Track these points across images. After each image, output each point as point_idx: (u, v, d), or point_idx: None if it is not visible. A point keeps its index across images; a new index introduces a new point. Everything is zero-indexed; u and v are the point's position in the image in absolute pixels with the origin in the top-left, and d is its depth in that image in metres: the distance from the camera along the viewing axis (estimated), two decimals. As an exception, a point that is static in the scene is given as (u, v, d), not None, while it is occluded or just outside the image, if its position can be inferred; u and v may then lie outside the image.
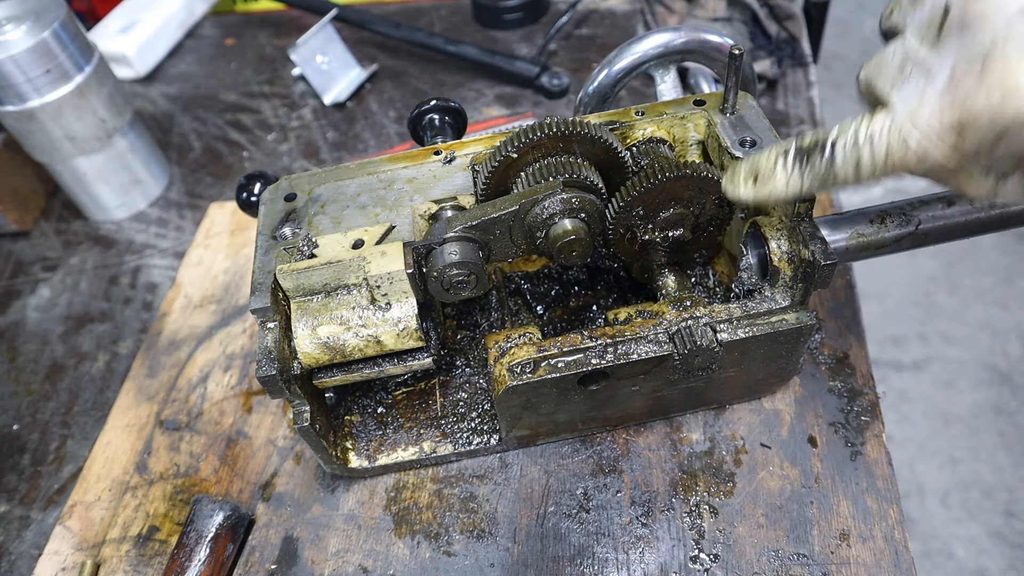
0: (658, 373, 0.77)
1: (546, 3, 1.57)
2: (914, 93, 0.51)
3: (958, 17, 0.47)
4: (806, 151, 0.57)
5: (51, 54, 1.09)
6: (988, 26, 0.46)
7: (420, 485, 0.87)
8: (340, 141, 1.38)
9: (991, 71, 0.45)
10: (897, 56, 0.53)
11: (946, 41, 0.49)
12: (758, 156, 0.62)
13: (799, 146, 0.58)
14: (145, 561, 0.85)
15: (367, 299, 0.71)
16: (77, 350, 1.11)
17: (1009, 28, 0.45)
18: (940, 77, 0.49)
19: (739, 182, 0.63)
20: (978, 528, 2.11)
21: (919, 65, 0.51)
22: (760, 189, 0.61)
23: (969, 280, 2.66)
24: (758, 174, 0.61)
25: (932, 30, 0.50)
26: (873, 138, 0.52)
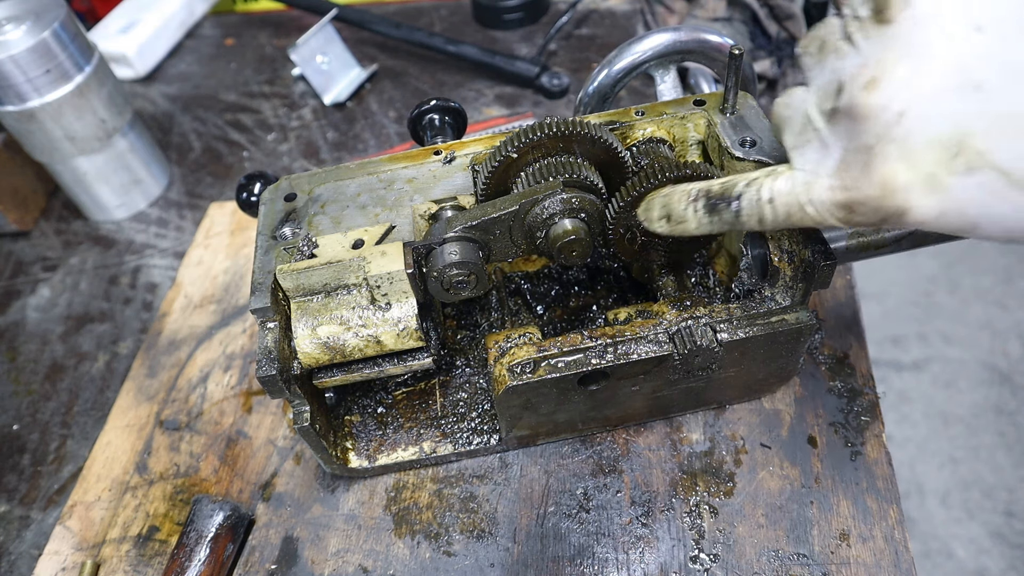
0: (658, 373, 0.77)
1: (546, 3, 1.57)
2: (811, 163, 0.55)
3: (847, 105, 0.51)
4: (715, 200, 0.62)
5: (51, 54, 1.09)
6: (871, 124, 0.49)
7: (420, 485, 0.87)
8: (340, 141, 1.38)
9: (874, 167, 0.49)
10: (801, 113, 0.56)
11: (839, 122, 0.52)
12: (671, 197, 0.66)
13: (709, 195, 0.62)
14: (145, 561, 0.85)
15: (367, 299, 0.71)
16: (77, 350, 1.11)
17: (888, 130, 0.48)
18: (833, 155, 0.53)
19: (652, 218, 0.68)
20: (978, 528, 2.11)
21: (817, 135, 0.54)
22: (673, 227, 0.67)
23: (969, 280, 2.66)
24: (671, 215, 0.66)
25: (828, 103, 0.53)
26: (775, 200, 0.57)
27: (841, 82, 0.52)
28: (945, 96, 0.47)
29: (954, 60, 0.46)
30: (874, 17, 0.50)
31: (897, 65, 0.48)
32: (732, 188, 0.61)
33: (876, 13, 0.49)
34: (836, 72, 0.52)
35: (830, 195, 0.54)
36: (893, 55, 0.48)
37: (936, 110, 0.47)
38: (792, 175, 0.57)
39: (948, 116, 0.47)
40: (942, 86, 0.47)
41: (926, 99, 0.47)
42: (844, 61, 0.52)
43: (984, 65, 0.45)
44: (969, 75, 0.46)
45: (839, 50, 0.52)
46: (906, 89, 0.48)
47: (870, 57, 0.50)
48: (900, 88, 0.48)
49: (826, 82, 0.54)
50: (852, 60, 0.51)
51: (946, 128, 0.47)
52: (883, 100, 0.48)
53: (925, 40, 0.47)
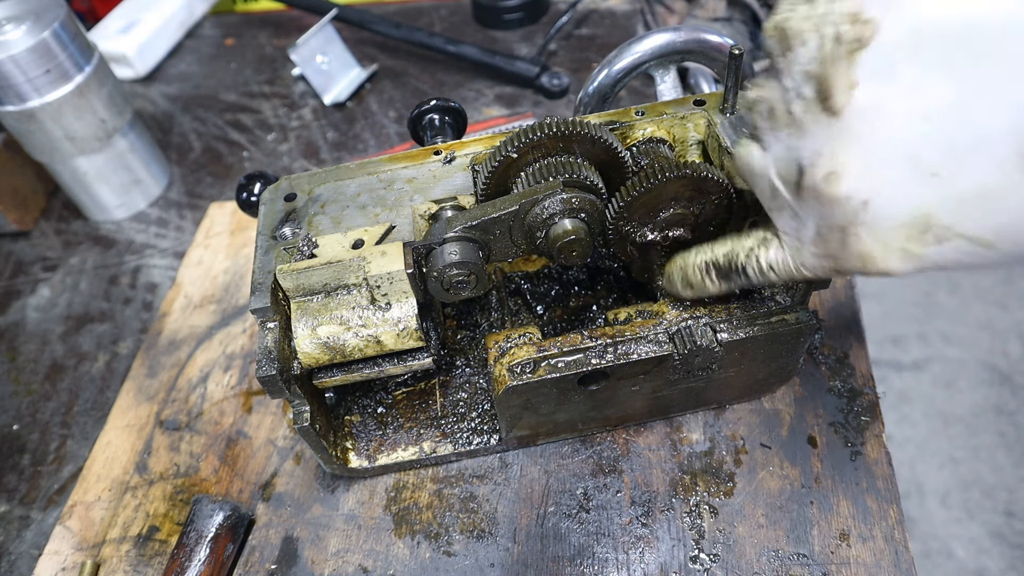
0: (658, 373, 0.77)
1: (546, 3, 1.57)
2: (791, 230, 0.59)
3: (813, 189, 0.53)
4: (725, 273, 0.68)
5: (51, 54, 1.09)
6: (839, 210, 0.52)
7: (420, 485, 0.87)
8: (340, 141, 1.38)
9: (850, 244, 0.53)
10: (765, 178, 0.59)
11: (807, 200, 0.55)
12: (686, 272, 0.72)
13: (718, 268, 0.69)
14: (145, 561, 0.85)
15: (367, 299, 0.71)
16: (77, 350, 1.11)
17: (856, 216, 0.51)
18: (808, 226, 0.56)
19: (679, 290, 0.75)
20: (978, 528, 2.11)
21: (788, 206, 0.57)
22: (697, 294, 0.74)
23: (969, 280, 2.66)
24: (692, 286, 0.72)
25: (792, 178, 0.55)
26: (775, 268, 0.63)
27: (799, 164, 0.53)
28: (904, 184, 0.49)
29: (906, 150, 0.48)
30: (819, 103, 0.51)
31: (852, 159, 0.50)
32: (735, 260, 0.66)
33: (821, 100, 0.50)
34: (792, 149, 0.54)
35: (817, 262, 0.58)
36: (846, 148, 0.50)
37: (898, 197, 0.49)
38: (780, 244, 0.61)
39: (910, 201, 0.49)
40: (899, 176, 0.48)
41: (886, 189, 0.49)
42: (797, 140, 0.53)
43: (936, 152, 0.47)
44: (923, 163, 0.47)
45: (790, 125, 0.54)
46: (865, 182, 0.50)
47: (823, 146, 0.51)
48: (860, 181, 0.50)
49: (783, 155, 0.56)
50: (806, 143, 0.53)
51: (910, 211, 0.49)
52: (845, 191, 0.51)
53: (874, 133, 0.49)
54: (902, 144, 0.48)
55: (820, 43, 0.50)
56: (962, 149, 0.46)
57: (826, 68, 0.49)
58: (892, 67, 0.47)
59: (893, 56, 0.47)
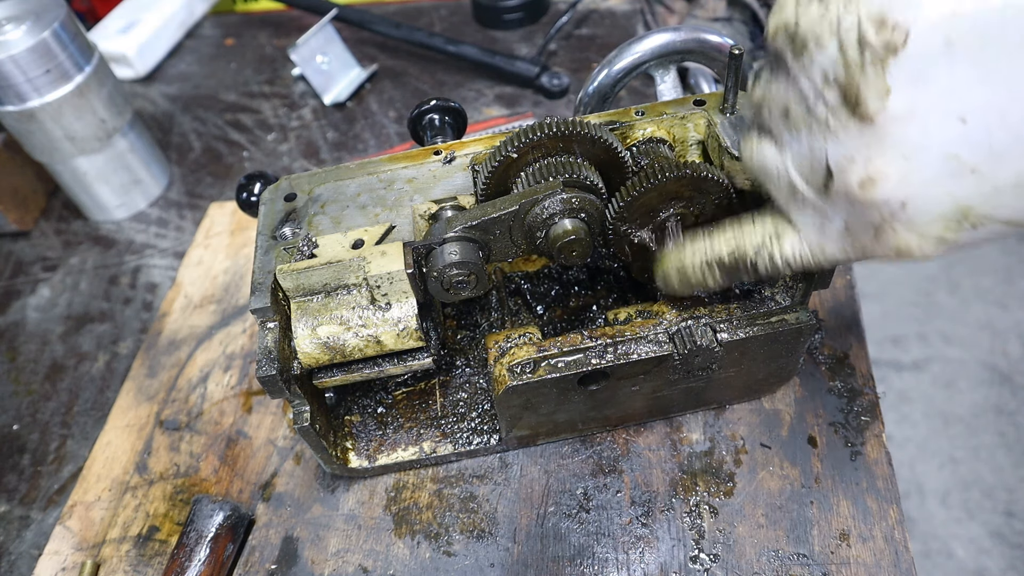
0: (658, 373, 0.77)
1: (546, 3, 1.57)
2: (814, 226, 0.58)
3: (844, 192, 0.52)
4: (731, 270, 0.66)
5: (51, 54, 1.09)
6: (875, 211, 0.52)
7: (420, 485, 0.87)
8: (340, 141, 1.38)
9: (884, 238, 0.53)
10: (782, 177, 0.58)
11: (835, 201, 0.54)
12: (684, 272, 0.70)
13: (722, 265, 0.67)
14: (145, 561, 0.85)
15: (367, 299, 0.71)
16: (77, 350, 1.11)
17: (893, 215, 0.51)
18: (836, 222, 0.56)
19: (674, 289, 0.73)
20: (978, 528, 2.11)
21: (812, 204, 0.57)
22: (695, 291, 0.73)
23: (969, 280, 2.66)
24: (691, 284, 0.71)
25: (817, 180, 0.55)
26: (791, 263, 0.61)
27: (827, 166, 0.53)
28: (943, 184, 0.48)
29: (945, 152, 0.47)
30: (847, 108, 0.50)
31: (890, 165, 0.49)
32: (743, 258, 0.65)
33: (850, 105, 0.49)
34: (816, 151, 0.53)
35: (844, 254, 0.58)
36: (882, 155, 0.49)
37: (937, 195, 0.49)
38: (798, 237, 0.60)
39: (949, 197, 0.49)
40: (939, 177, 0.48)
41: (926, 190, 0.49)
42: (822, 143, 0.52)
43: (974, 151, 0.47)
44: (962, 162, 0.47)
45: (812, 128, 0.53)
46: (904, 186, 0.49)
47: (856, 152, 0.50)
48: (898, 186, 0.49)
49: (806, 156, 0.55)
50: (834, 147, 0.52)
51: (949, 206, 0.49)
52: (884, 196, 0.50)
53: (911, 138, 0.48)
54: (940, 146, 0.47)
55: (841, 48, 0.48)
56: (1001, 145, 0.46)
57: (854, 75, 0.48)
58: (925, 71, 0.46)
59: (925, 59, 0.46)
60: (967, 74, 0.45)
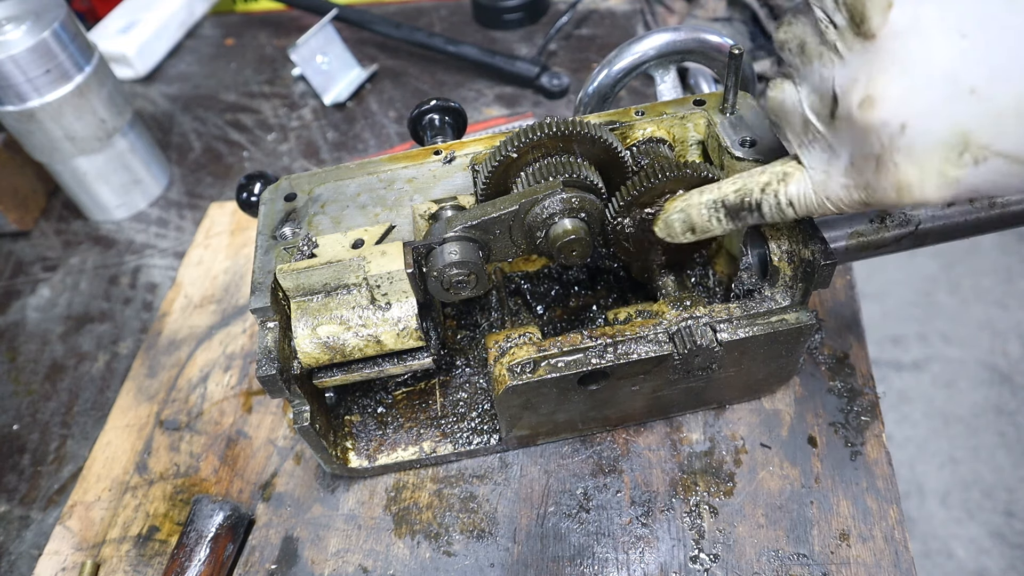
0: (658, 373, 0.77)
1: (546, 3, 1.57)
2: (821, 163, 0.58)
3: (847, 116, 0.52)
4: (735, 210, 0.66)
5: (51, 54, 1.09)
6: (875, 136, 0.51)
7: (420, 485, 0.87)
8: (340, 141, 1.38)
9: (885, 171, 0.52)
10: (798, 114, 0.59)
11: (841, 130, 0.54)
12: (688, 211, 0.69)
13: (727, 205, 0.66)
14: (145, 561, 0.85)
15: (367, 299, 0.71)
16: (77, 350, 1.11)
17: (893, 141, 0.50)
18: (842, 157, 0.55)
19: (676, 233, 0.71)
20: (978, 528, 2.12)
21: (821, 137, 0.57)
22: (700, 236, 0.70)
23: (969, 280, 2.66)
24: (695, 228, 0.70)
25: (824, 109, 0.55)
26: (794, 203, 0.61)
27: (834, 92, 0.53)
28: (942, 104, 0.48)
29: (945, 69, 0.47)
30: (853, 28, 0.50)
31: (890, 83, 0.49)
32: (748, 196, 0.64)
33: (855, 24, 0.50)
34: (825, 79, 0.54)
35: (847, 193, 0.57)
36: (883, 72, 0.49)
37: (936, 118, 0.48)
38: (804, 177, 0.59)
39: (948, 121, 0.48)
40: (938, 96, 0.48)
41: (925, 110, 0.48)
42: (831, 69, 0.53)
43: (974, 69, 0.46)
44: (961, 81, 0.47)
45: (822, 55, 0.54)
46: (904, 105, 0.49)
47: (859, 72, 0.51)
48: (897, 105, 0.49)
49: (817, 86, 0.55)
50: (840, 71, 0.52)
51: (948, 131, 0.48)
52: (883, 116, 0.50)
53: (911, 53, 0.48)
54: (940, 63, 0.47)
55: None
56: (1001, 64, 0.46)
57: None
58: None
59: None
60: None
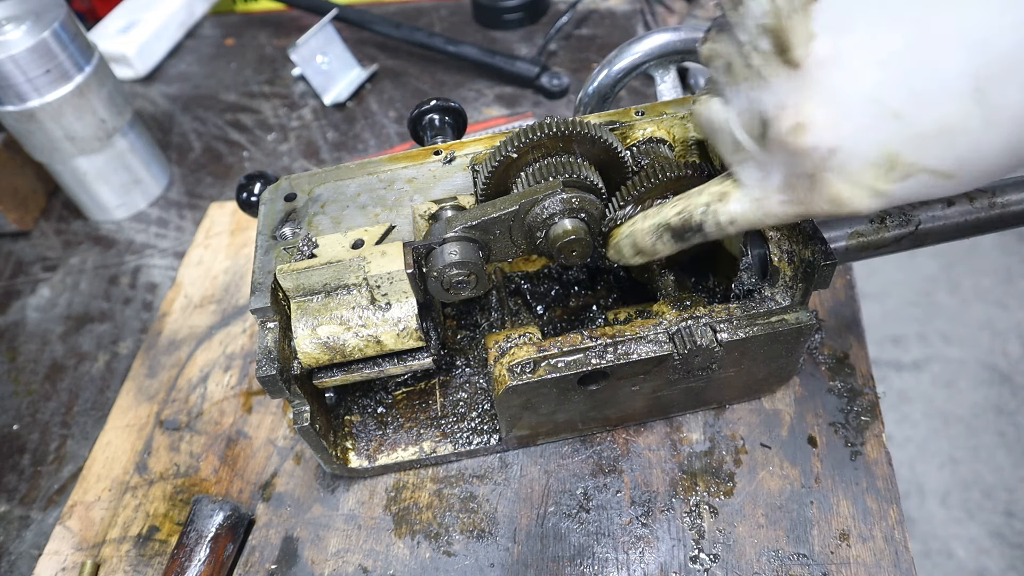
0: (658, 373, 0.77)
1: (546, 3, 1.57)
2: (755, 180, 0.59)
3: (778, 141, 0.54)
4: (679, 232, 0.67)
5: (51, 54, 1.09)
6: (807, 159, 0.52)
7: (420, 485, 0.87)
8: (340, 141, 1.38)
9: (820, 189, 0.54)
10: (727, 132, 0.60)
11: (773, 151, 0.55)
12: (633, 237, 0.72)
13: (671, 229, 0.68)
14: (145, 561, 0.85)
15: (367, 299, 0.71)
16: (77, 350, 1.11)
17: (824, 162, 0.52)
18: (775, 176, 0.57)
19: (626, 256, 0.74)
20: (978, 528, 2.12)
21: (754, 157, 0.58)
22: (649, 258, 0.73)
23: (969, 280, 2.66)
24: (642, 251, 0.72)
25: (756, 131, 0.56)
26: (736, 221, 0.62)
27: (763, 116, 0.54)
28: (870, 128, 0.50)
29: (869, 96, 0.49)
30: (778, 55, 0.52)
31: (817, 110, 0.50)
32: (690, 219, 0.66)
33: (779, 53, 0.51)
34: (753, 102, 0.55)
35: (783, 208, 0.58)
36: (810, 99, 0.51)
37: (864, 141, 0.50)
38: (742, 195, 0.61)
39: (876, 143, 0.50)
40: (865, 121, 0.49)
41: (853, 135, 0.50)
42: (759, 93, 0.54)
43: (896, 95, 0.48)
44: (885, 106, 0.48)
45: (749, 79, 0.55)
46: (833, 131, 0.50)
47: (786, 98, 0.52)
48: (827, 131, 0.51)
49: (745, 108, 0.57)
50: (768, 96, 0.53)
51: (876, 152, 0.50)
52: (814, 142, 0.51)
53: (836, 82, 0.50)
54: (863, 90, 0.49)
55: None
56: (921, 90, 0.47)
57: (782, 21, 0.50)
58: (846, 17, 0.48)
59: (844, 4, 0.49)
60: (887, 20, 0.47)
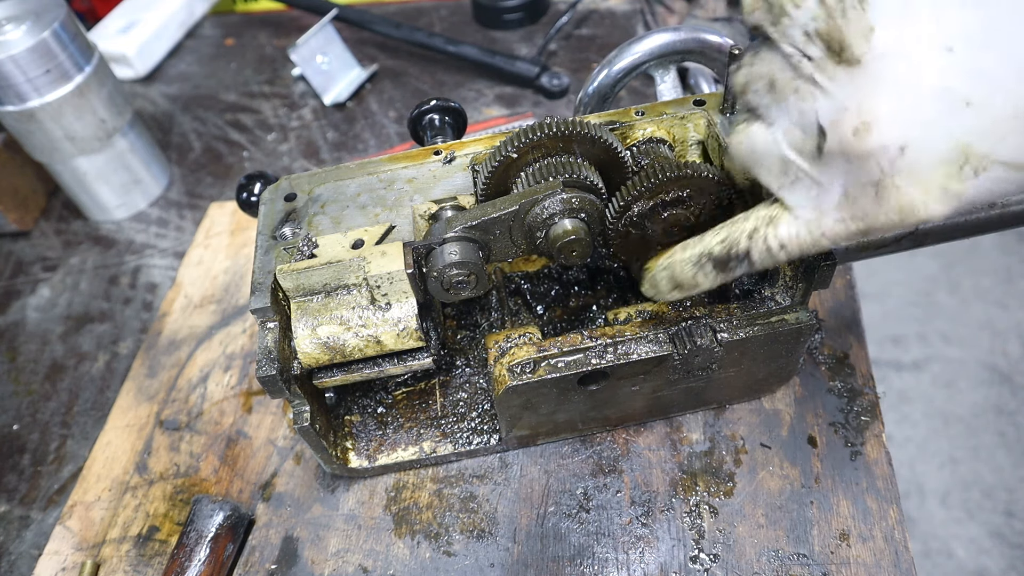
0: (658, 373, 0.77)
1: (546, 3, 1.57)
2: (808, 201, 0.56)
3: (839, 147, 0.51)
4: (722, 262, 0.63)
5: (51, 54, 1.09)
6: (873, 163, 0.50)
7: (420, 485, 0.87)
8: (340, 141, 1.38)
9: (886, 197, 0.50)
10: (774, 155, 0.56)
11: (831, 164, 0.52)
12: (672, 270, 0.67)
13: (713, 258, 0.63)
14: (145, 561, 0.85)
15: (367, 299, 0.71)
16: (77, 350, 1.11)
17: (892, 164, 0.49)
18: (833, 192, 0.53)
19: (664, 292, 0.69)
20: (978, 528, 2.12)
21: (806, 175, 0.55)
22: (687, 293, 0.68)
23: (969, 280, 2.66)
24: (681, 285, 0.67)
25: (808, 144, 0.53)
26: (787, 246, 0.58)
27: (819, 125, 0.51)
28: (940, 120, 0.47)
29: (937, 85, 0.47)
30: (832, 57, 0.49)
31: (883, 105, 0.48)
32: (735, 246, 0.62)
33: (835, 54, 0.49)
34: (805, 114, 0.52)
35: (844, 227, 0.55)
36: (874, 95, 0.48)
37: (935, 134, 0.48)
38: (793, 218, 0.58)
39: (947, 135, 0.47)
40: (934, 112, 0.47)
41: (923, 128, 0.48)
42: (811, 103, 0.51)
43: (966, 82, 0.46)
44: (955, 95, 0.46)
45: (799, 91, 0.52)
46: (900, 126, 0.48)
47: (847, 100, 0.49)
48: (895, 126, 0.48)
49: (797, 122, 0.54)
50: (824, 103, 0.51)
51: (948, 146, 0.48)
52: (880, 142, 0.49)
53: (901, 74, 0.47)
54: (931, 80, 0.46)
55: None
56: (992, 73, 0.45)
57: (834, 21, 0.48)
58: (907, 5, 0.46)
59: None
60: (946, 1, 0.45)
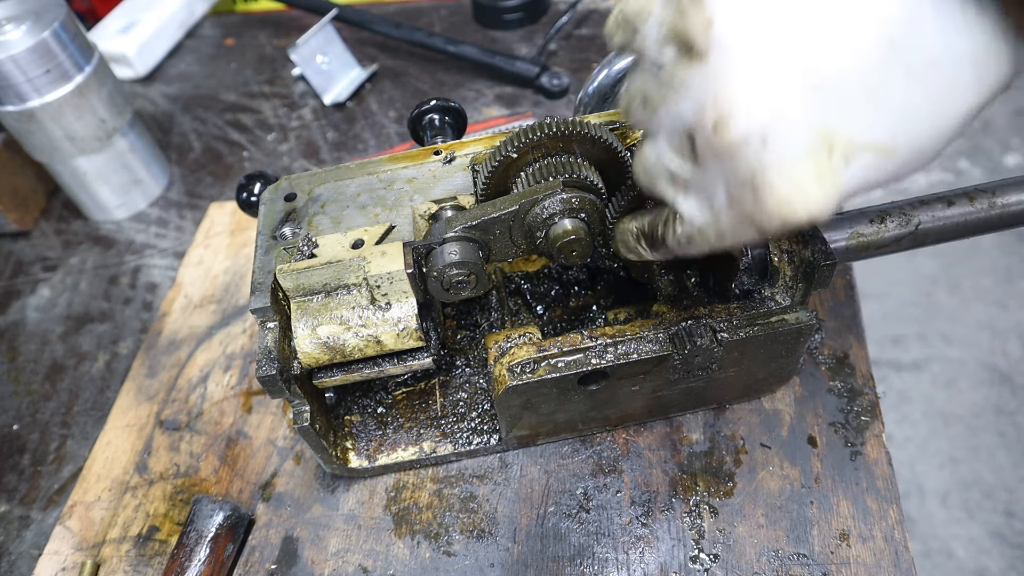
0: (658, 373, 0.77)
1: (546, 3, 1.57)
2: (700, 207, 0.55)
3: (707, 147, 0.50)
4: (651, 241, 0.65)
5: (51, 54, 1.09)
6: (740, 160, 0.48)
7: (420, 485, 0.87)
8: (340, 141, 1.38)
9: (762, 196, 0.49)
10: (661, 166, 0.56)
11: (706, 163, 0.51)
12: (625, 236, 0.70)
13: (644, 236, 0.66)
14: (145, 561, 0.85)
15: (367, 299, 0.71)
16: (77, 350, 1.11)
17: (759, 159, 0.47)
18: (719, 195, 0.52)
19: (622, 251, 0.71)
20: (978, 528, 2.12)
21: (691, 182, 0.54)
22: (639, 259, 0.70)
23: (969, 280, 2.66)
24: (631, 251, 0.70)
25: (685, 151, 0.52)
26: (692, 241, 0.59)
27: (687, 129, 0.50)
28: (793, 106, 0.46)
29: (784, 69, 0.45)
30: (684, 56, 0.48)
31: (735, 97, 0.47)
32: (656, 230, 0.63)
33: (685, 52, 0.48)
34: (675, 120, 0.51)
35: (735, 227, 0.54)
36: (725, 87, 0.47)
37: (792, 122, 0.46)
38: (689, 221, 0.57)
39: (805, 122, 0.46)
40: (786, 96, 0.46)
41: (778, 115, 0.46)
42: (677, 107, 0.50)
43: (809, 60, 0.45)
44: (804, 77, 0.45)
45: (666, 99, 0.51)
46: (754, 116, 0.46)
47: (703, 96, 0.48)
48: (748, 117, 0.46)
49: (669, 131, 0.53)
50: (684, 104, 0.49)
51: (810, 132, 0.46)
52: (740, 135, 0.47)
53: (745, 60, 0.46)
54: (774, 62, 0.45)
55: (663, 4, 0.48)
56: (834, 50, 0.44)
57: (677, 22, 0.47)
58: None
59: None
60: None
